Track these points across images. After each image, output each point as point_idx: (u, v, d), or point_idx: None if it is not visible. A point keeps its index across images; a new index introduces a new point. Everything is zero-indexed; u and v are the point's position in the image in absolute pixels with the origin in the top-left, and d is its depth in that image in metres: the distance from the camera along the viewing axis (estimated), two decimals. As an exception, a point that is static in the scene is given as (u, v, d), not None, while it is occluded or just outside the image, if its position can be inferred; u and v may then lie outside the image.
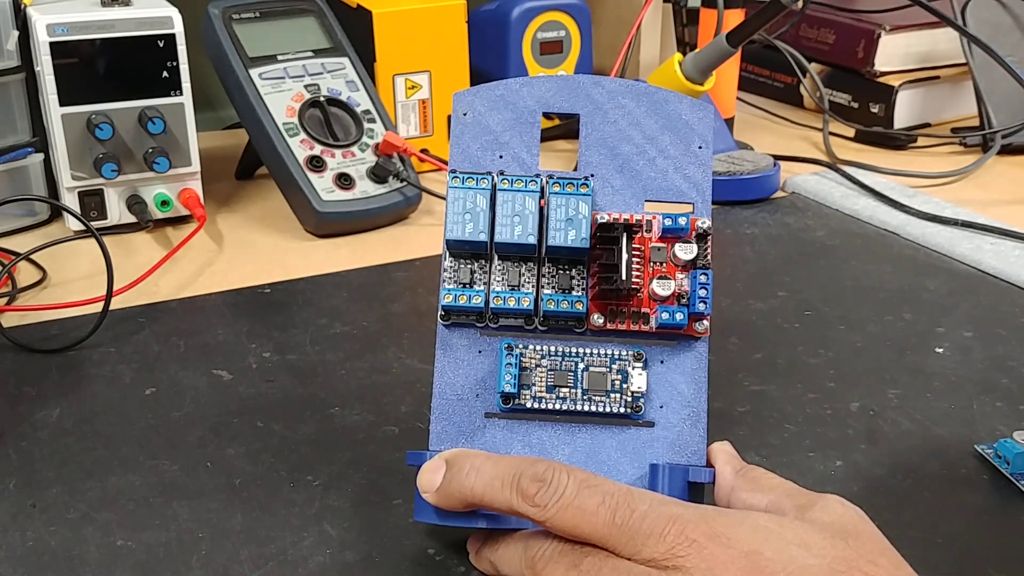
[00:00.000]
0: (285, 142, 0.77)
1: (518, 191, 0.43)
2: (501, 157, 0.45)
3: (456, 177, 0.43)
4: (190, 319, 0.64)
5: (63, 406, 0.54)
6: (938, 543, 0.44)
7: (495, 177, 0.43)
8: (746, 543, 0.35)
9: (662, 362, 0.44)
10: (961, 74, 1.00)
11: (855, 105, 1.01)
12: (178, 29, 0.74)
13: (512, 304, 0.43)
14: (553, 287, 0.43)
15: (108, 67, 0.73)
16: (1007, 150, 0.93)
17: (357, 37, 0.85)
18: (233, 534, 0.45)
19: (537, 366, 0.43)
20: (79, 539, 0.44)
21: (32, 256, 0.70)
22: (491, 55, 0.96)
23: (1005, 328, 0.63)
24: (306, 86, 0.79)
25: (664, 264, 0.44)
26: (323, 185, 0.76)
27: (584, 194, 0.43)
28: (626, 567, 0.36)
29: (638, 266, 0.43)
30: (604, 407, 0.43)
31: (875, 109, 0.99)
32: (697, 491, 0.42)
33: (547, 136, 0.93)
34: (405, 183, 0.78)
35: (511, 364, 0.43)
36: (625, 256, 0.42)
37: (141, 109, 0.74)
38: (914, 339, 0.61)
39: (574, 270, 0.44)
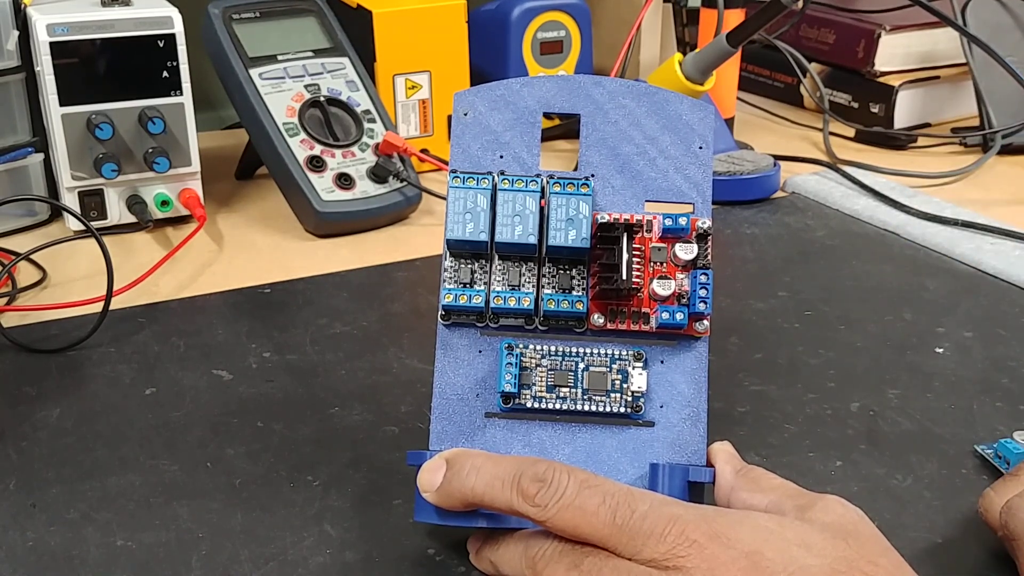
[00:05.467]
0: (285, 142, 0.77)
1: (518, 191, 0.43)
2: (501, 157, 0.45)
3: (457, 177, 0.43)
4: (190, 319, 0.64)
5: (63, 406, 0.54)
6: (938, 543, 0.44)
7: (495, 177, 0.43)
8: (747, 543, 0.35)
9: (662, 362, 0.44)
10: (961, 74, 1.00)
11: (855, 105, 1.01)
12: (178, 29, 0.74)
13: (512, 304, 0.43)
14: (553, 287, 0.43)
15: (108, 67, 0.73)
16: (1007, 150, 0.93)
17: (357, 37, 0.85)
18: (233, 534, 0.45)
19: (537, 366, 0.43)
20: (79, 539, 0.44)
21: (32, 256, 0.70)
22: (491, 55, 0.96)
23: (1005, 328, 0.63)
24: (306, 86, 0.79)
25: (664, 264, 0.44)
26: (323, 185, 0.76)
27: (584, 194, 0.43)
28: (626, 567, 0.36)
29: (638, 266, 0.43)
30: (604, 407, 0.43)
31: (875, 109, 0.99)
32: (697, 491, 0.42)
33: (547, 136, 0.93)
34: (405, 183, 0.78)
35: (511, 364, 0.43)
36: (625, 256, 0.42)
37: (141, 109, 0.74)
38: (914, 339, 0.61)
39: (574, 270, 0.44)
